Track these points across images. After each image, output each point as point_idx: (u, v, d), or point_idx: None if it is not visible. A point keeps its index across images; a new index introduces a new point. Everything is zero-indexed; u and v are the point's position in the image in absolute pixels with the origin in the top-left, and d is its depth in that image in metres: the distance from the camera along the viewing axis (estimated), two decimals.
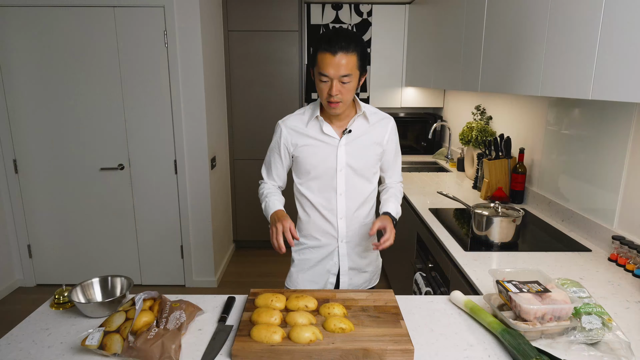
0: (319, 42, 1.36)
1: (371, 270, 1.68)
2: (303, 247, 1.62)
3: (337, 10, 3.84)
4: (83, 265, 3.31)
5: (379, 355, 1.00)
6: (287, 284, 1.68)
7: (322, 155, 1.49)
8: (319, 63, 1.36)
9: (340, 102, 1.39)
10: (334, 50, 1.32)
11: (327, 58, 1.33)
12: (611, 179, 1.72)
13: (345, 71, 1.34)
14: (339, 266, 1.59)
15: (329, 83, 1.36)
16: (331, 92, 1.36)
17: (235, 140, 3.87)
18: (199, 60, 2.99)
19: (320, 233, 1.57)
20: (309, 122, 1.51)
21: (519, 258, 1.63)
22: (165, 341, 1.00)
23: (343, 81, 1.36)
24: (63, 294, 1.26)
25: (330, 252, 1.59)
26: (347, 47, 1.32)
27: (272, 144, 1.58)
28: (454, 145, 3.66)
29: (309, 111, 1.53)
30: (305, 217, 1.59)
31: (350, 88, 1.38)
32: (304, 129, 1.51)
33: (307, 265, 1.62)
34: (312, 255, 1.60)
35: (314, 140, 1.50)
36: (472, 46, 2.29)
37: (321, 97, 1.42)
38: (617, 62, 1.19)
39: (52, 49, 2.94)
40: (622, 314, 1.23)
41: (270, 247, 4.35)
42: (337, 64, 1.33)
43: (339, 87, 1.36)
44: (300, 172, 1.54)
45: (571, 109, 1.98)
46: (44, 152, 3.11)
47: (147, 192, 3.19)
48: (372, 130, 1.52)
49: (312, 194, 1.54)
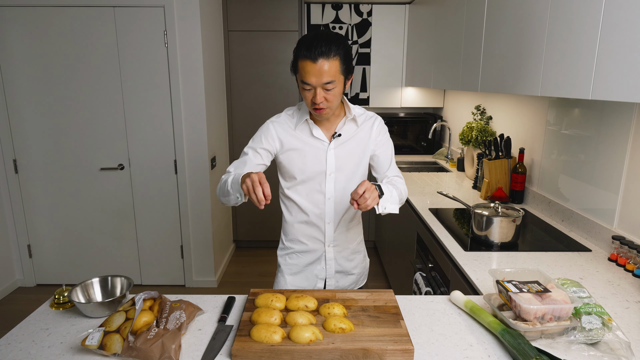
0: (299, 48, 1.29)
1: (358, 272, 1.64)
2: (289, 251, 1.58)
3: (337, 10, 3.84)
4: (83, 265, 3.31)
5: (379, 355, 1.00)
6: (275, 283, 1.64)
7: (311, 158, 1.44)
8: (300, 71, 1.30)
9: (327, 108, 1.34)
10: (314, 57, 1.25)
11: (307, 66, 1.26)
12: (611, 179, 1.72)
13: (328, 78, 1.27)
14: (326, 270, 1.56)
15: (312, 91, 1.30)
16: (315, 100, 1.30)
17: (235, 140, 3.87)
18: (199, 60, 2.99)
19: (306, 238, 1.54)
20: (297, 125, 1.45)
21: (518, 258, 1.63)
22: (165, 341, 1.00)
23: (327, 88, 1.29)
24: (63, 294, 1.26)
25: (317, 257, 1.55)
26: (328, 53, 1.25)
27: (253, 141, 1.47)
28: (454, 145, 3.66)
29: (297, 113, 1.47)
30: (291, 220, 1.54)
31: (336, 93, 1.32)
32: (292, 132, 1.45)
33: (294, 270, 1.58)
34: (299, 260, 1.57)
35: (303, 143, 1.44)
36: (472, 46, 2.29)
37: (306, 103, 1.37)
38: (617, 62, 1.19)
39: (52, 49, 2.94)
40: (622, 314, 1.23)
41: (270, 247, 4.32)
42: (318, 72, 1.26)
43: (322, 94, 1.30)
44: (288, 176, 1.49)
45: (571, 109, 1.98)
46: (44, 152, 3.11)
47: (147, 192, 3.19)
48: (360, 132, 1.48)
49: (300, 197, 1.49)
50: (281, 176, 1.53)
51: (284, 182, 1.52)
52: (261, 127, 1.49)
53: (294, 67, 1.34)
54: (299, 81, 1.34)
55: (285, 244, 1.59)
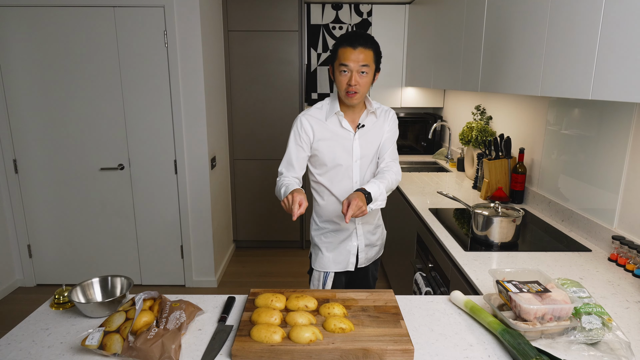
0: (340, 41, 1.55)
1: (380, 244, 1.88)
2: (324, 231, 1.77)
3: (337, 10, 3.84)
4: (83, 265, 3.31)
5: (379, 355, 1.00)
6: (314, 266, 1.82)
7: (340, 148, 1.65)
8: (340, 56, 1.54)
9: (358, 93, 1.56)
10: (354, 45, 1.51)
11: (348, 51, 1.52)
12: (611, 179, 1.72)
13: (364, 61, 1.52)
14: (357, 245, 1.76)
15: (348, 74, 1.54)
16: (350, 82, 1.53)
17: (235, 140, 3.87)
18: (199, 60, 2.99)
19: (339, 218, 1.73)
20: (328, 117, 1.64)
21: (519, 258, 1.64)
22: (165, 341, 1.00)
23: (362, 70, 1.53)
24: (63, 294, 1.26)
25: (349, 235, 1.76)
26: (365, 43, 1.53)
27: (292, 137, 1.67)
28: (454, 145, 3.66)
29: (327, 106, 1.66)
30: (323, 204, 1.74)
31: (367, 81, 1.56)
32: (324, 123, 1.64)
33: (330, 247, 1.77)
34: (334, 238, 1.76)
35: (333, 134, 1.64)
36: (472, 46, 2.29)
37: (340, 88, 1.58)
38: (617, 62, 1.19)
39: (52, 49, 2.94)
40: (622, 314, 1.23)
41: (270, 247, 4.33)
42: (356, 56, 1.51)
43: (357, 78, 1.53)
44: (319, 164, 1.69)
45: (571, 109, 1.98)
46: (44, 152, 3.11)
47: (147, 192, 3.19)
48: (377, 123, 1.70)
49: (331, 183, 1.69)
50: (312, 165, 1.73)
51: (314, 170, 1.72)
52: (295, 123, 1.67)
53: (333, 56, 1.59)
54: (336, 66, 1.56)
55: (319, 225, 1.78)
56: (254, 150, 3.88)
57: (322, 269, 1.79)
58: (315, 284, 1.82)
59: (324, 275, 1.79)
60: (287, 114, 3.79)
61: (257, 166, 3.92)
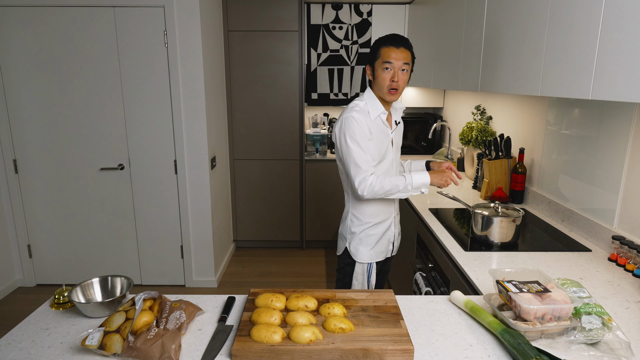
0: (384, 41, 1.68)
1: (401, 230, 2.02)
2: (369, 225, 1.83)
3: (337, 10, 3.84)
4: (83, 265, 3.31)
5: (379, 355, 1.00)
6: (357, 259, 1.84)
7: (383, 144, 1.75)
8: (383, 54, 1.66)
9: (398, 90, 1.68)
10: (397, 45, 1.65)
11: (391, 50, 1.65)
12: (611, 179, 1.72)
13: (405, 59, 1.66)
14: (394, 234, 1.89)
15: (391, 71, 1.66)
16: (394, 78, 1.66)
17: (235, 140, 3.87)
18: (199, 60, 2.99)
19: (383, 210, 1.83)
20: (375, 116, 1.72)
21: (519, 258, 1.64)
22: (165, 341, 1.00)
23: (402, 68, 1.66)
24: (63, 294, 1.26)
25: (389, 225, 1.87)
26: (406, 45, 1.68)
27: (357, 134, 1.67)
28: (454, 145, 3.66)
29: (369, 107, 1.73)
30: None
31: (406, 79, 1.70)
32: (371, 122, 1.71)
33: (373, 239, 1.84)
34: (377, 230, 1.84)
35: (379, 131, 1.74)
36: (472, 46, 2.29)
37: (382, 85, 1.68)
38: (617, 62, 1.19)
39: (52, 49, 2.94)
40: (622, 314, 1.23)
41: (270, 247, 4.32)
42: (399, 55, 1.65)
43: (399, 75, 1.66)
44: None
45: (571, 109, 1.98)
46: (44, 152, 3.11)
47: (147, 192, 3.19)
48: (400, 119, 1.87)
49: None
50: None
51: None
52: (349, 123, 1.68)
53: (374, 56, 1.70)
54: (379, 64, 1.67)
55: (362, 220, 1.82)
56: (254, 150, 3.88)
57: (367, 261, 1.84)
58: (359, 279, 1.85)
59: (369, 266, 1.84)
60: (287, 114, 3.79)
61: (257, 166, 3.92)
